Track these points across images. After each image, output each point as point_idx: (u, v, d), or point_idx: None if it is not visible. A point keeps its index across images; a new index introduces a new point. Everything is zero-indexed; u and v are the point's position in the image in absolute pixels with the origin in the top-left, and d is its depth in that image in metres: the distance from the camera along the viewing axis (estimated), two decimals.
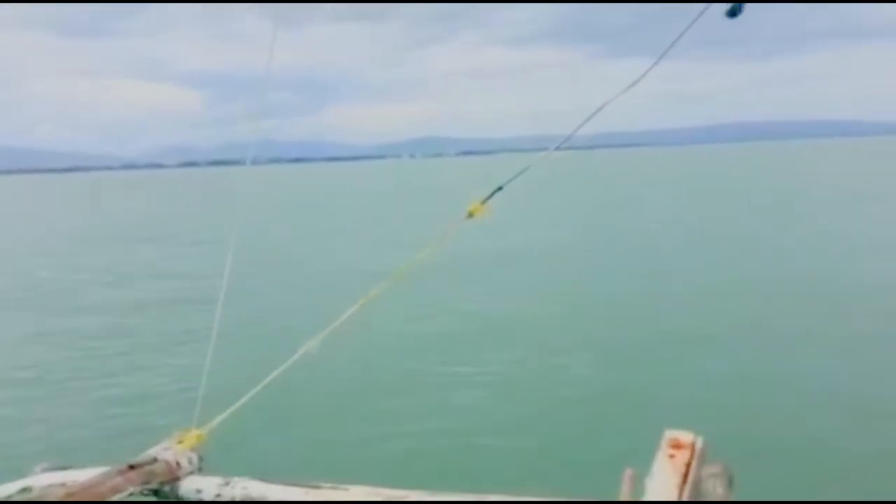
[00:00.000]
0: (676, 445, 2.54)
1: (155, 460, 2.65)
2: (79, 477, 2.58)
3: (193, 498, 2.55)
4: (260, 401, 2.97)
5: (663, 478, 2.39)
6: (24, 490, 2.62)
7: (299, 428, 10.36)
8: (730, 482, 2.41)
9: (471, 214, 3.08)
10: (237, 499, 2.58)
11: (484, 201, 3.08)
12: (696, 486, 2.43)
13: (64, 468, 2.74)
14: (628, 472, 2.35)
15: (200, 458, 2.69)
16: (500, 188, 3.15)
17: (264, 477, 2.52)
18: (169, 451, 2.68)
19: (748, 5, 2.99)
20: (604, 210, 41.25)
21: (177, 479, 2.63)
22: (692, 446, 2.51)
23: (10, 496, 2.60)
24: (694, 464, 2.45)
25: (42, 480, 2.68)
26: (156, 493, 2.57)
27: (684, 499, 2.28)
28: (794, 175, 67.89)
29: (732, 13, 2.89)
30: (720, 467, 2.56)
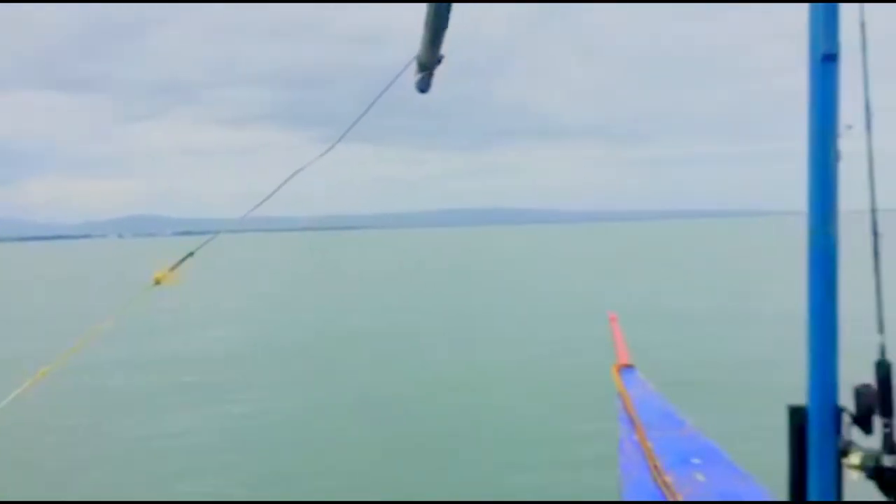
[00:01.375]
0: None
1: None
2: None
3: None
4: None
5: None
6: None
7: None
8: None
9: (157, 282, 2.97)
10: None
11: (172, 268, 2.99)
12: None
13: None
14: None
15: None
16: (190, 254, 3.07)
17: None
18: None
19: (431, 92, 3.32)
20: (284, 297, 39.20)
21: None
22: None
23: None
24: None
25: None
26: None
27: None
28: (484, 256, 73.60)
29: (421, 90, 3.23)
30: None
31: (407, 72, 3.21)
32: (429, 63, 3.09)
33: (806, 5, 2.40)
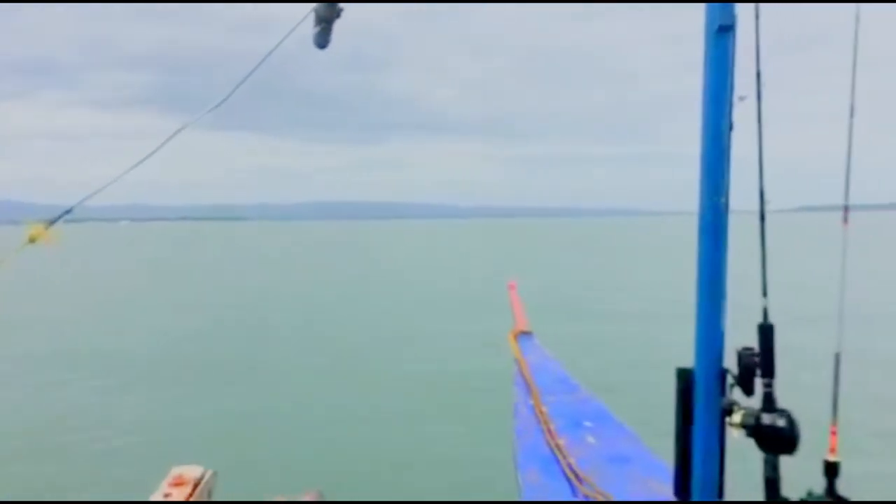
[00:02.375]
0: (178, 483, 2.52)
1: None
2: None
3: None
4: None
5: None
6: None
7: None
8: None
9: (32, 240, 2.76)
10: None
11: (49, 225, 2.79)
12: None
13: None
14: None
15: None
16: (68, 211, 2.88)
17: None
18: None
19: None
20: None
21: None
22: (197, 480, 2.50)
23: None
24: (197, 495, 2.44)
25: None
26: None
27: None
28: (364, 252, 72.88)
29: (320, 45, 3.10)
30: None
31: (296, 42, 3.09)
32: (327, 16, 3.00)
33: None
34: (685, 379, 2.74)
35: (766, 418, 2.17)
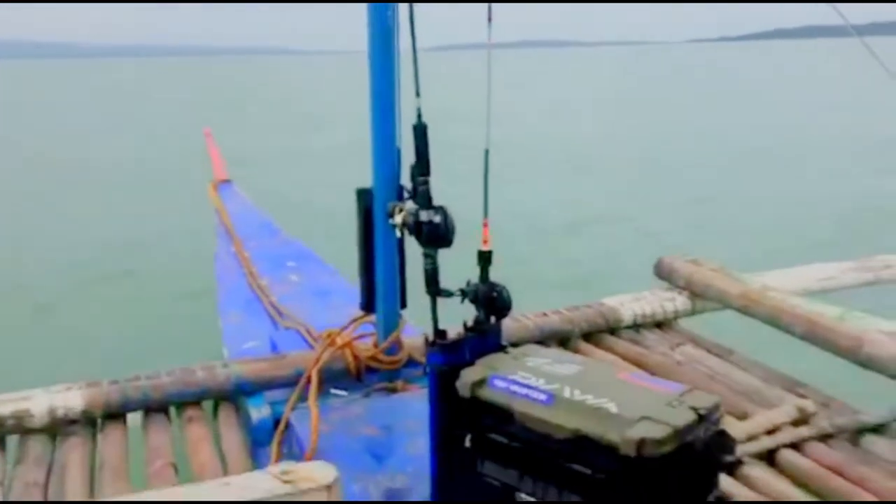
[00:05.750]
0: None
1: None
2: None
3: None
4: None
5: None
6: None
7: None
8: None
9: None
10: None
11: None
12: None
13: None
14: None
15: None
16: None
17: None
18: None
19: None
20: None
21: None
22: None
23: None
24: None
25: None
26: None
27: None
28: None
29: None
30: None
31: None
32: None
33: None
34: (365, 199, 2.81)
35: (424, 215, 2.27)
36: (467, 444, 1.94)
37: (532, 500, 1.84)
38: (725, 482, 2.16)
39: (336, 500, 1.51)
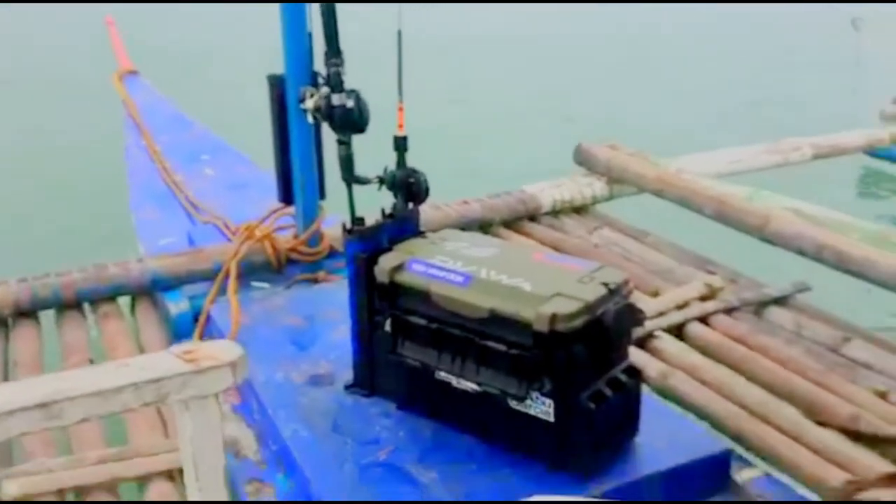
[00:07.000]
0: None
1: None
2: None
3: None
4: None
5: None
6: None
7: None
8: None
9: None
10: None
11: None
12: None
13: None
14: None
15: None
16: None
17: None
18: None
19: None
20: None
21: None
22: None
23: None
24: None
25: None
26: None
27: None
28: None
29: None
30: None
31: None
32: None
33: None
34: (277, 85, 2.68)
35: (336, 99, 2.21)
36: (387, 328, 1.97)
37: (451, 377, 1.89)
38: (636, 355, 2.26)
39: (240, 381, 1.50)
